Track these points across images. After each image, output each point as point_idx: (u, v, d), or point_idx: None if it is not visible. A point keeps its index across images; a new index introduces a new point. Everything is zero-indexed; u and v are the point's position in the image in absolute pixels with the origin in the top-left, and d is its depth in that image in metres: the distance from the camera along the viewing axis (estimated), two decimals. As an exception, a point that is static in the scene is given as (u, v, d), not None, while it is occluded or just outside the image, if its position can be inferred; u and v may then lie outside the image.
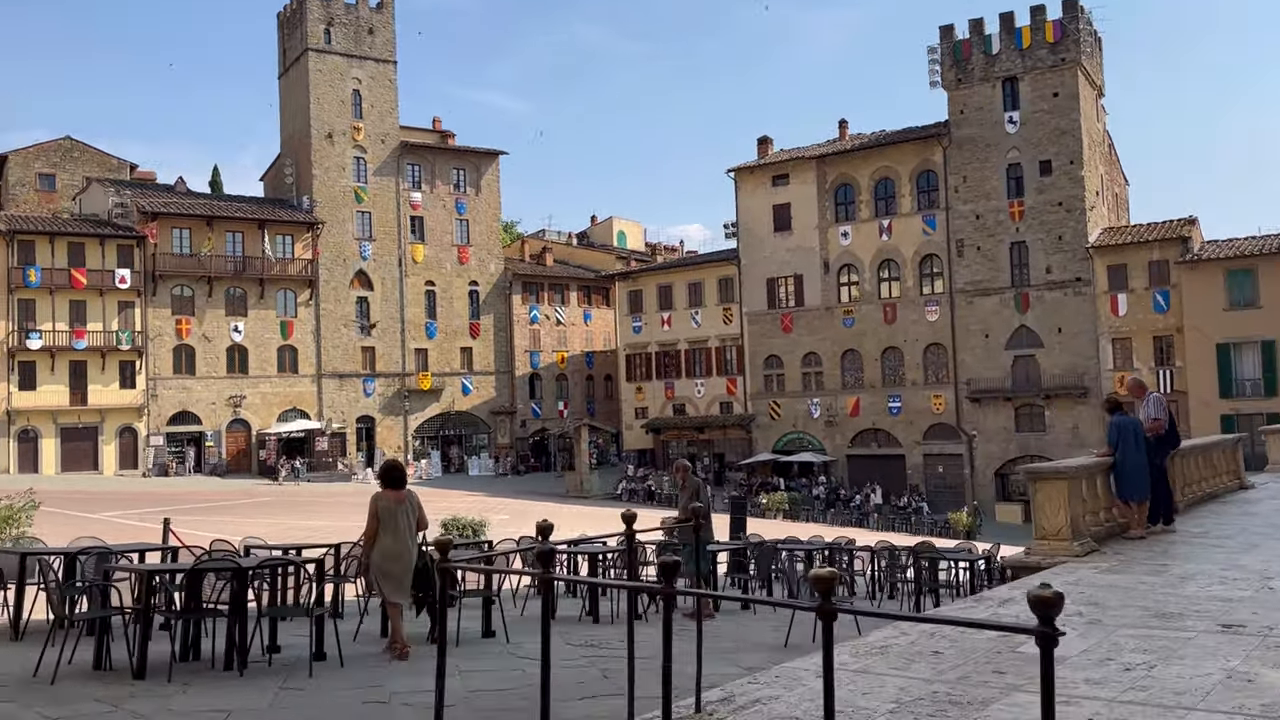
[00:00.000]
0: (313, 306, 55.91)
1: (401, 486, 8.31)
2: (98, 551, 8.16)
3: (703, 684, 4.48)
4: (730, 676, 5.26)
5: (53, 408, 47.96)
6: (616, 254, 70.48)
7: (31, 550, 8.58)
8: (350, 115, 58.00)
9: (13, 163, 57.00)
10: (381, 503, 8.06)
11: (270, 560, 7.48)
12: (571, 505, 43.60)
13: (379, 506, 8.05)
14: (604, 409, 64.61)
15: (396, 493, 8.16)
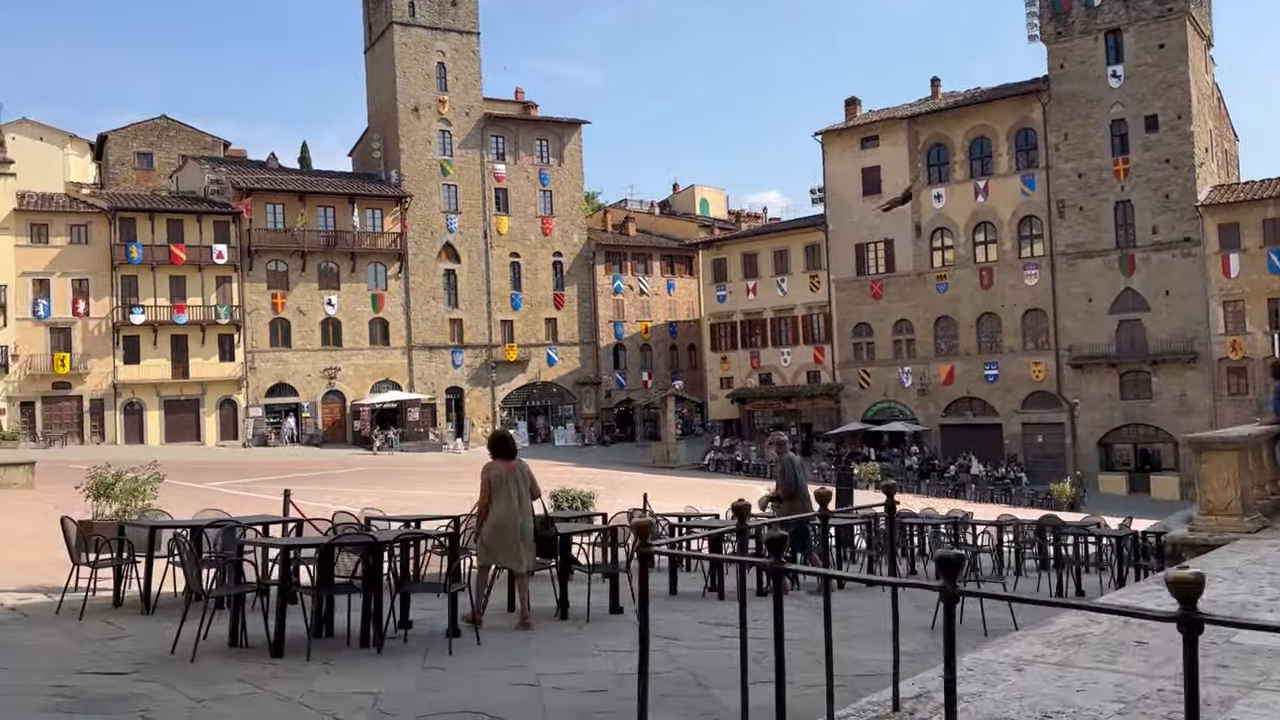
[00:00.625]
0: (402, 280, 56.59)
1: (512, 456, 8.19)
2: (226, 524, 8.11)
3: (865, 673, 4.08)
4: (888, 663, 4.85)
5: (156, 381, 49.54)
6: (699, 222, 69.75)
7: (160, 523, 8.59)
8: (435, 88, 58.24)
9: (112, 142, 58.74)
10: (493, 473, 7.96)
11: (407, 534, 7.32)
12: (660, 475, 43.49)
13: (491, 476, 7.95)
14: (688, 379, 64.25)
15: (507, 462, 8.05)
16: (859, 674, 5.86)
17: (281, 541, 6.71)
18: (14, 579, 9.94)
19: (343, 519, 9.31)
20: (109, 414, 48.58)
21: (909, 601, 9.04)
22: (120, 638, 7.10)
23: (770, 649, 6.67)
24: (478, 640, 6.87)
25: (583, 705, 5.17)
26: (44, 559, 11.53)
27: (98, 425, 48.34)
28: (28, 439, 45.17)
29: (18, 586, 9.42)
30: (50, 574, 10.01)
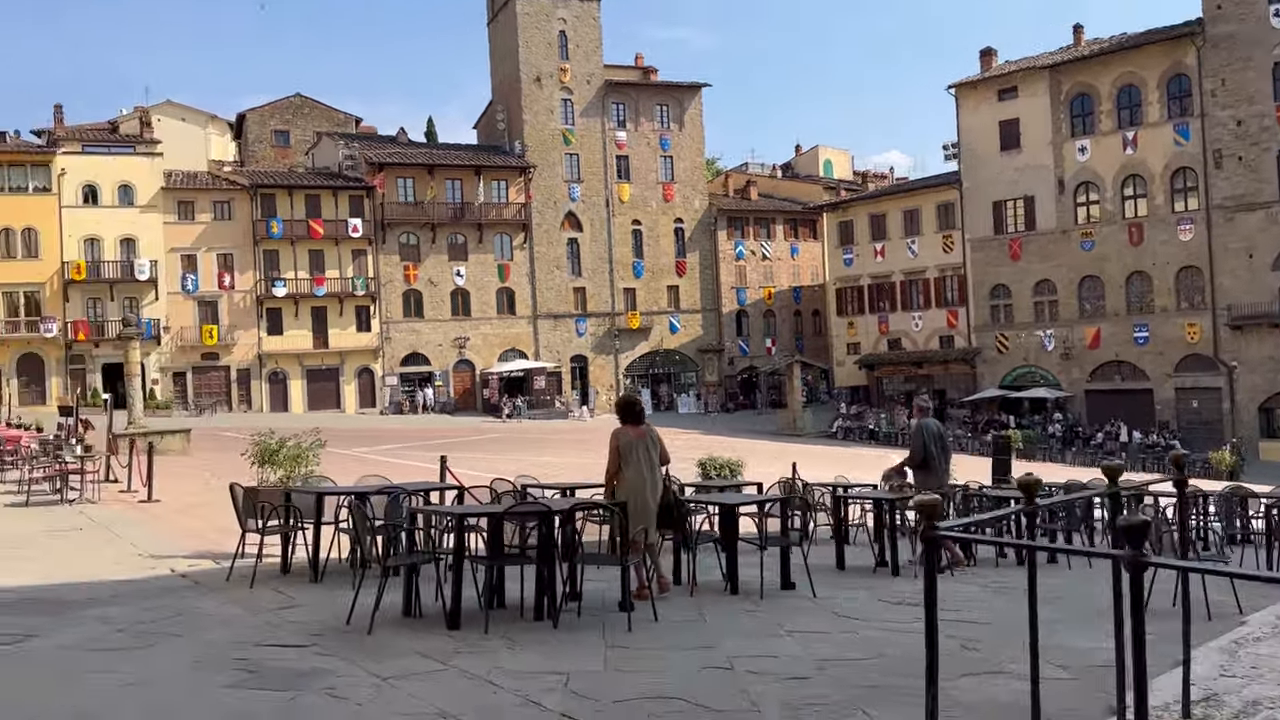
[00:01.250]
0: (526, 250, 57.10)
1: (640, 421, 7.93)
2: (393, 491, 8.01)
3: (1100, 663, 3.50)
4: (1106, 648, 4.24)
5: (298, 351, 51.43)
6: (824, 184, 68.02)
7: (327, 489, 8.56)
8: (557, 57, 58.23)
9: (250, 121, 60.89)
10: (623, 439, 7.72)
11: (583, 503, 7.05)
12: (788, 443, 42.71)
13: (620, 442, 7.72)
14: (812, 345, 63.04)
15: (636, 428, 7.81)
16: (1090, 664, 5.27)
17: (459, 510, 6.50)
18: (183, 544, 10.17)
19: (501, 486, 9.13)
20: (255, 383, 50.73)
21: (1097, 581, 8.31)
22: (292, 606, 7.06)
23: (987, 634, 6.19)
24: (654, 615, 6.54)
25: (788, 694, 4.76)
26: (209, 525, 11.83)
27: (244, 394, 50.55)
28: (180, 407, 47.56)
29: (187, 552, 9.61)
30: (216, 540, 10.20)
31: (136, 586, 7.80)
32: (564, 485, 9.86)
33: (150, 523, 11.93)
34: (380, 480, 9.10)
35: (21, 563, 8.88)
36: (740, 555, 7.94)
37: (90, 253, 48.02)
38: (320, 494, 8.17)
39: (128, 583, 7.96)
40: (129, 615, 6.61)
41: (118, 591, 7.50)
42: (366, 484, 8.91)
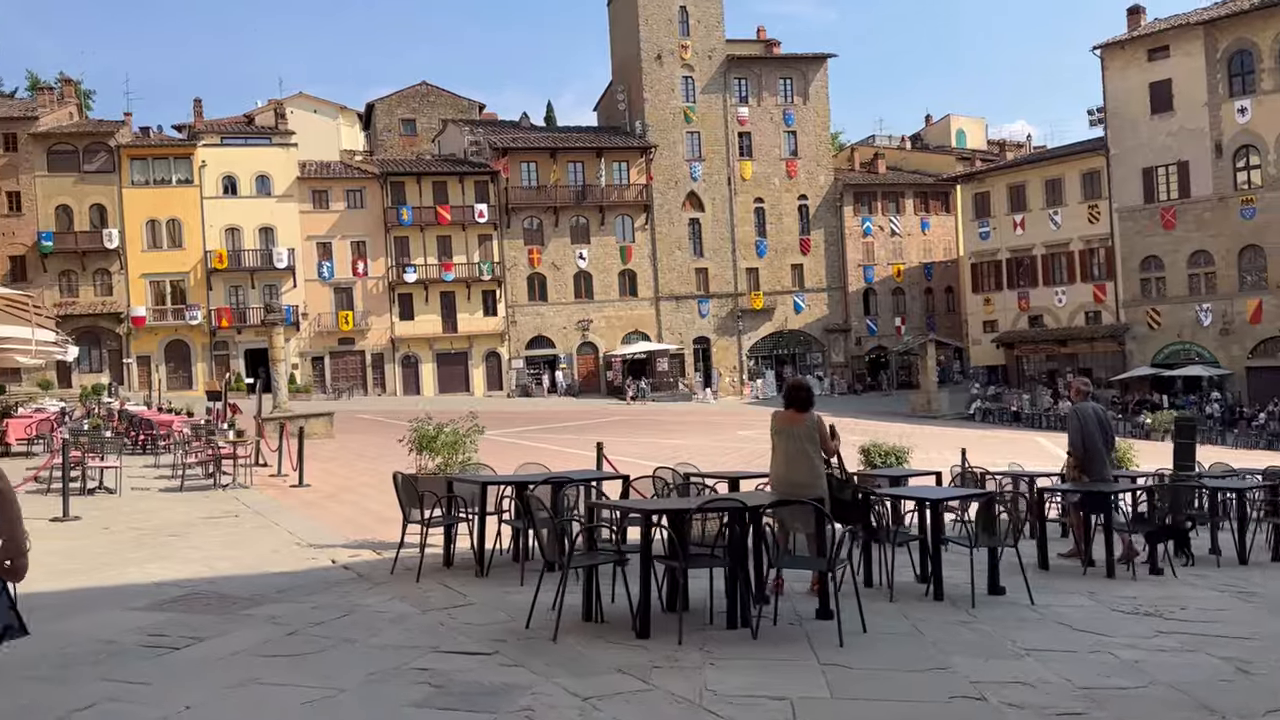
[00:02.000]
0: (648, 231, 56.64)
1: (803, 407, 7.23)
2: (557, 480, 7.51)
3: None
4: None
5: (428, 335, 52.33)
6: (957, 155, 65.27)
7: (491, 478, 8.12)
8: (677, 34, 57.40)
9: (379, 110, 62.17)
10: (774, 425, 7.22)
11: (781, 498, 6.36)
12: (924, 426, 41.06)
13: (772, 429, 7.23)
14: (945, 323, 60.73)
15: (791, 414, 7.20)
16: None
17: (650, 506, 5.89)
18: (339, 532, 9.95)
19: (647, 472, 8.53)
20: (388, 367, 51.87)
21: None
22: (463, 605, 6.62)
23: (1259, 653, 5.27)
24: (863, 626, 5.81)
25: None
26: (362, 511, 11.65)
27: (379, 378, 51.74)
28: (319, 391, 49.00)
29: (345, 541, 9.36)
30: (373, 528, 9.95)
31: (300, 580, 7.52)
32: (727, 474, 9.19)
33: (304, 509, 11.83)
34: (540, 468, 8.63)
35: (184, 551, 8.77)
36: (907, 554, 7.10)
37: (231, 242, 49.81)
38: (484, 483, 7.72)
39: (290, 575, 7.69)
40: (297, 614, 6.27)
41: (282, 586, 7.22)
42: (527, 472, 8.45)
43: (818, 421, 7.19)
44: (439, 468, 8.73)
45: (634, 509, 6.03)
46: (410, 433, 9.12)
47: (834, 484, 7.08)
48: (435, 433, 8.86)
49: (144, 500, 12.46)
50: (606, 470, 9.57)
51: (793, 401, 7.30)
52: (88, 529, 9.81)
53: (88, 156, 48.33)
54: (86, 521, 10.28)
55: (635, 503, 6.36)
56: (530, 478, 7.86)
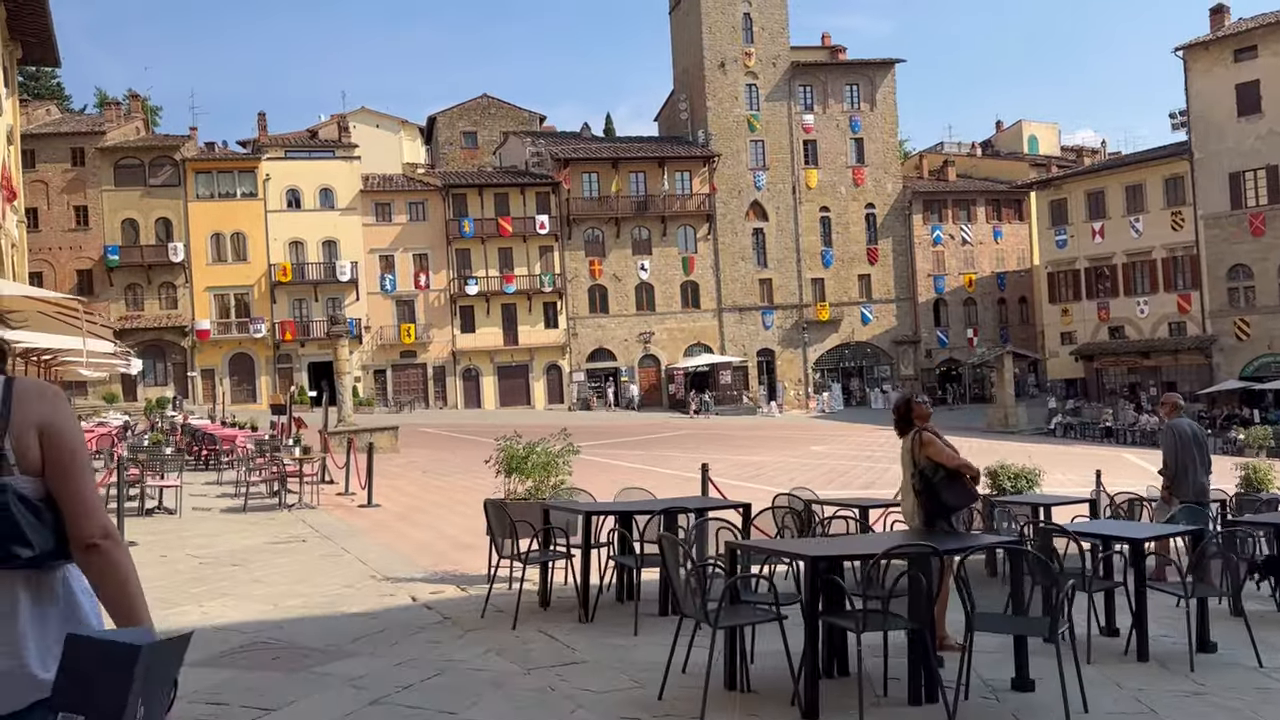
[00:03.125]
0: (711, 241, 55.58)
1: (900, 429, 6.37)
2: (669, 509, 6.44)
3: None
4: None
5: (490, 348, 51.75)
6: (1029, 161, 63.19)
7: (596, 507, 7.08)
8: (741, 41, 56.37)
9: (440, 123, 62.02)
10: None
11: (1002, 542, 5.21)
12: (1003, 441, 39.20)
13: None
14: (1019, 335, 58.66)
15: (903, 432, 6.35)
16: None
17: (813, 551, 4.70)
18: (417, 562, 8.99)
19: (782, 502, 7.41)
20: (450, 380, 51.38)
21: None
22: (573, 662, 5.58)
23: None
24: (1084, 704, 4.63)
25: None
26: (438, 535, 10.70)
27: (440, 390, 51.27)
28: (381, 404, 48.62)
29: (424, 573, 8.39)
30: (453, 557, 8.97)
31: (379, 623, 6.54)
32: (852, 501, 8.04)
33: (375, 532, 10.93)
34: (643, 493, 7.58)
35: (247, 585, 7.86)
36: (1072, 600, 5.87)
37: (294, 255, 49.76)
38: (588, 513, 6.67)
39: (367, 618, 6.72)
40: (380, 674, 5.27)
41: (359, 632, 6.24)
42: (629, 498, 7.40)
43: (912, 439, 6.08)
44: (529, 492, 7.71)
45: (797, 555, 4.91)
46: (498, 452, 8.09)
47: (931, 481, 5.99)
48: (526, 453, 7.82)
49: (205, 522, 11.67)
50: (714, 496, 8.47)
51: (897, 419, 6.31)
52: (144, 556, 8.99)
53: (153, 170, 48.67)
54: (143, 547, 9.47)
55: (797, 545, 5.24)
56: (639, 505, 6.80)
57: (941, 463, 5.95)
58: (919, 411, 6.12)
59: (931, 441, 5.97)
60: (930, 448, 5.97)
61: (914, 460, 6.00)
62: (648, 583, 6.87)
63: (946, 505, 5.98)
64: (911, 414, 6.11)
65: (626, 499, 7.47)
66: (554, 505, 7.09)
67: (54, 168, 47.45)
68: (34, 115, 50.02)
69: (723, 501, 6.96)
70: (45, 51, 38.76)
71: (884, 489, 19.51)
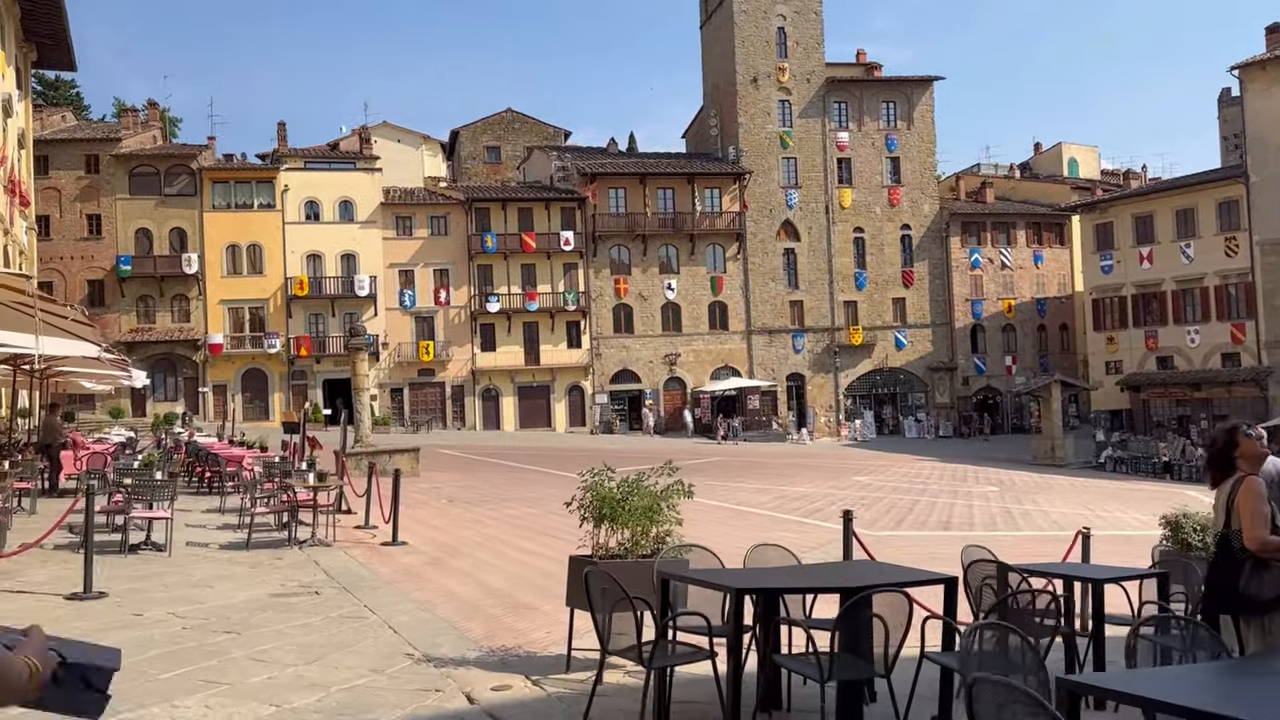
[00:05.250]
0: (740, 261, 53.70)
1: (1225, 469, 4.54)
2: (859, 591, 4.41)
3: None
4: None
5: (510, 368, 49.87)
6: (1071, 184, 61.21)
7: (738, 581, 4.94)
8: (774, 56, 54.71)
9: (463, 138, 60.53)
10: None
11: None
12: (1056, 476, 37.06)
13: None
14: (1059, 362, 56.38)
15: (1223, 478, 4.56)
16: None
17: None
18: (464, 630, 6.96)
19: (975, 556, 5.40)
20: (468, 399, 49.48)
21: None
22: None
23: None
24: None
25: None
26: (483, 589, 8.70)
27: (458, 410, 49.37)
28: (397, 424, 46.75)
29: (478, 651, 6.35)
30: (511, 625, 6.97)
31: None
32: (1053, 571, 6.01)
33: (404, 582, 8.93)
34: (778, 551, 5.56)
35: (241, 668, 5.83)
36: None
37: (312, 269, 48.11)
38: (741, 591, 4.53)
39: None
40: None
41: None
42: (766, 560, 5.36)
43: (1233, 488, 4.17)
44: (625, 547, 5.67)
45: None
46: (582, 491, 6.09)
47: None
48: (624, 493, 5.74)
49: (199, 563, 9.71)
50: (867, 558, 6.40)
51: (1213, 461, 4.39)
52: (112, 615, 7.03)
53: (169, 179, 47.18)
54: (116, 600, 7.53)
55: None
56: (809, 580, 4.76)
57: (1246, 529, 4.03)
58: (1247, 450, 4.17)
59: (1253, 495, 4.01)
60: (1247, 502, 4.01)
61: (1228, 517, 4.05)
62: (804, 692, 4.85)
63: (1245, 597, 4.07)
64: (1235, 451, 4.17)
65: (762, 560, 5.45)
66: (681, 575, 4.99)
67: (67, 175, 46.01)
68: (49, 121, 48.70)
69: (919, 574, 4.87)
70: (60, 55, 37.40)
71: (962, 530, 17.44)
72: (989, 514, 20.41)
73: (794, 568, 5.29)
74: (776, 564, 5.32)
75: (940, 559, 11.34)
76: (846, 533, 6.97)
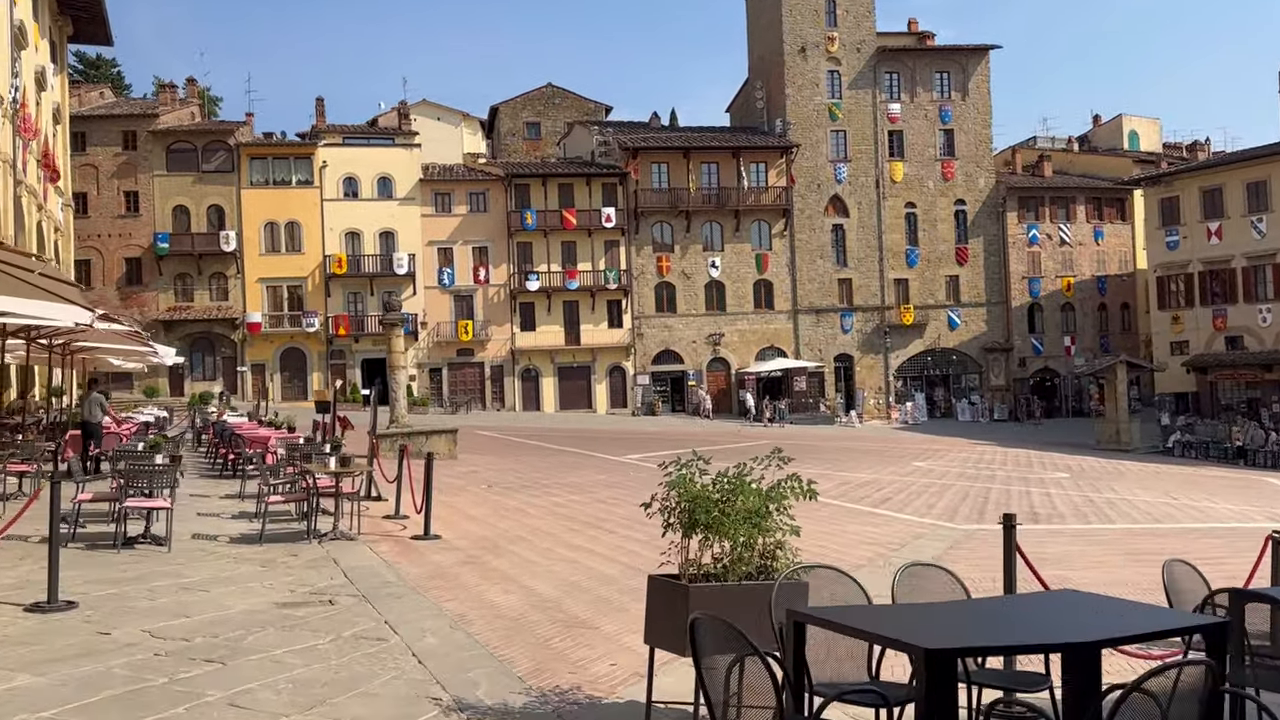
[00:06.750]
0: (787, 238, 51.93)
1: None
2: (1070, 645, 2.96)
3: None
4: None
5: (550, 347, 48.67)
6: (1133, 158, 58.57)
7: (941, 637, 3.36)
8: (823, 25, 52.68)
9: (503, 114, 59.19)
10: None
11: None
12: (1124, 462, 35.08)
13: None
14: (1120, 343, 54.05)
15: None
16: None
17: None
18: (507, 660, 5.56)
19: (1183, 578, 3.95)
20: (508, 380, 48.38)
21: None
22: None
23: None
24: None
25: None
26: (529, 597, 7.33)
27: (497, 391, 48.31)
28: (435, 404, 45.79)
29: (525, 695, 4.89)
30: (565, 653, 5.59)
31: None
32: None
33: (435, 588, 7.63)
34: (941, 578, 4.08)
35: (218, 714, 4.50)
36: None
37: (350, 246, 47.18)
38: (939, 656, 2.89)
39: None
40: None
41: None
42: (926, 593, 3.87)
43: None
44: (722, 564, 4.15)
45: None
46: (666, 488, 4.55)
47: None
48: (725, 493, 4.16)
49: (201, 561, 8.49)
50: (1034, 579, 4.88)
51: None
52: (69, 637, 5.72)
53: (207, 156, 46.40)
54: (82, 613, 6.28)
55: None
56: (1015, 637, 3.21)
57: None
58: None
59: None
60: None
61: None
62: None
63: None
64: None
65: (920, 590, 3.91)
66: (830, 620, 3.37)
67: (104, 151, 45.38)
68: (86, 98, 48.10)
69: (1164, 618, 3.29)
70: (96, 29, 36.49)
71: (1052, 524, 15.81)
72: (1072, 504, 18.80)
73: (977, 606, 3.79)
74: (942, 595, 3.88)
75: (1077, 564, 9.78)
76: (1008, 545, 5.27)
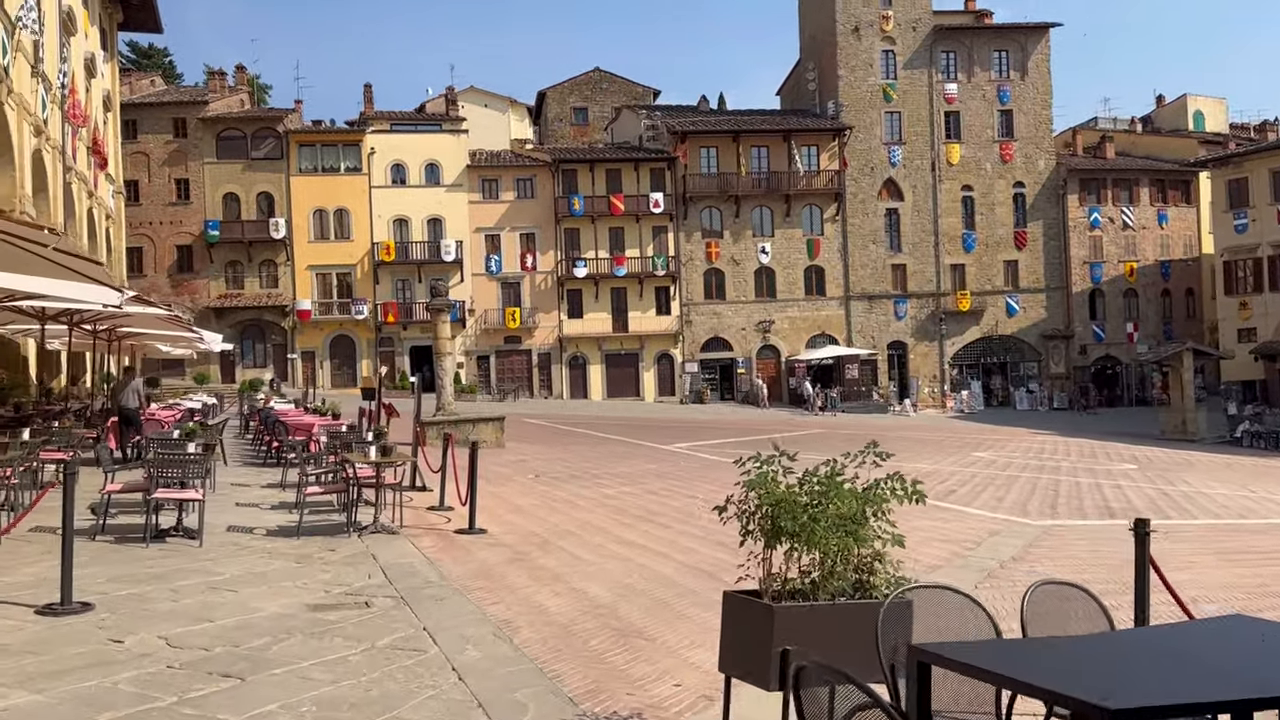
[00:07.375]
0: (839, 223, 50.82)
1: None
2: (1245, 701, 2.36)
3: None
4: None
5: (597, 335, 48.18)
6: (1198, 139, 56.45)
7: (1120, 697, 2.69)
8: (877, 3, 51.37)
9: (550, 99, 58.68)
10: None
11: None
12: (1194, 453, 33.67)
13: None
14: (1184, 330, 52.23)
15: None
16: None
17: None
18: (558, 676, 4.96)
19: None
20: (555, 368, 47.99)
21: None
22: None
23: None
24: None
25: None
26: (583, 604, 6.74)
27: (545, 379, 47.95)
28: (483, 392, 45.57)
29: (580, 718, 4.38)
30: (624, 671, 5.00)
31: None
32: None
33: (479, 589, 7.09)
34: (1082, 600, 3.38)
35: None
36: None
37: (398, 233, 47.07)
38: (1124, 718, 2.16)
39: None
40: None
41: None
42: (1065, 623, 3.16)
43: None
44: (811, 580, 3.45)
45: None
46: (745, 489, 3.89)
47: None
48: (811, 497, 3.45)
49: (234, 556, 8.04)
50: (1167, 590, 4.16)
51: None
52: (78, 645, 5.22)
53: (256, 143, 46.50)
54: (97, 616, 5.80)
55: None
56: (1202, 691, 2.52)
57: None
58: None
59: None
60: None
61: None
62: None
63: None
64: None
65: (1058, 618, 3.20)
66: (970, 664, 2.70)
67: (155, 139, 45.67)
68: (137, 86, 48.47)
69: None
70: (146, 16, 36.57)
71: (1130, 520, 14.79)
72: (1147, 497, 17.81)
73: (1139, 642, 3.08)
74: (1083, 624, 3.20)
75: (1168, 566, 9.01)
76: (1140, 558, 4.50)
